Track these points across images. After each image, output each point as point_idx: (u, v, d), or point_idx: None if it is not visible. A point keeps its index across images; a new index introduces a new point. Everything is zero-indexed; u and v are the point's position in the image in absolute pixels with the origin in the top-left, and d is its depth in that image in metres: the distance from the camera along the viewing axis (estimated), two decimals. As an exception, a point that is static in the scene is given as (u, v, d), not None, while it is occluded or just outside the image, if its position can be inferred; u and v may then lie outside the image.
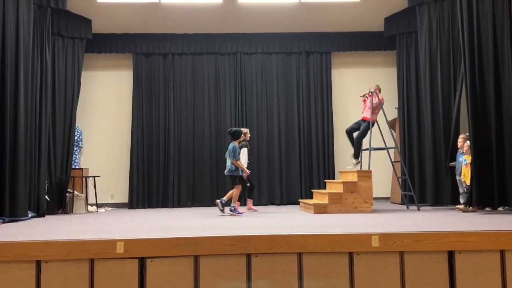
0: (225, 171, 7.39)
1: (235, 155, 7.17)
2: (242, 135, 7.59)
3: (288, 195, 9.85)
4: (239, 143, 7.45)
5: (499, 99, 6.46)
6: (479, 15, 6.74)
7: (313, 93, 10.16)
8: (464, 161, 7.24)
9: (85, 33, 9.12)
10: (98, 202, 8.85)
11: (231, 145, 7.26)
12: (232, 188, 7.44)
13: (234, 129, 7.51)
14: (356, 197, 7.06)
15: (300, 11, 9.33)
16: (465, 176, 7.23)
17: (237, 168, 7.18)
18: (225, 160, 9.69)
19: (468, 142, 7.17)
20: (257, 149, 9.94)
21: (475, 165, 6.60)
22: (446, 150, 7.97)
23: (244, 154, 7.68)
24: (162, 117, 9.90)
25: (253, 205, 8.28)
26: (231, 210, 7.17)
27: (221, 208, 7.19)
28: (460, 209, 6.90)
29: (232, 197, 7.21)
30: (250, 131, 9.84)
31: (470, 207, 6.83)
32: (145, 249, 3.82)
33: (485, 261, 3.92)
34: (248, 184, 8.00)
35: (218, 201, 7.29)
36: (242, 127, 9.85)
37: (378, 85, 8.10)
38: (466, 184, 7.11)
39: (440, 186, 8.11)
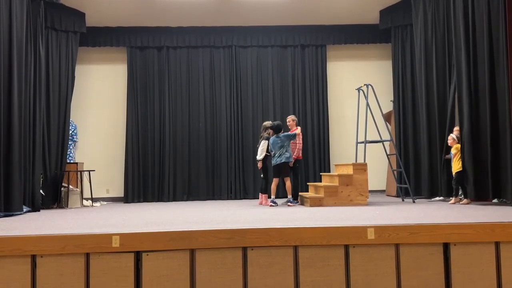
0: (278, 162, 7.51)
1: (294, 137, 7.65)
2: (267, 129, 7.93)
3: (284, 188, 9.82)
4: (267, 135, 7.86)
5: (493, 92, 6.47)
6: (474, 8, 6.75)
7: (308, 86, 10.14)
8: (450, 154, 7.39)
9: (79, 26, 9.05)
10: (93, 196, 8.83)
11: (280, 136, 7.55)
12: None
13: (275, 124, 7.75)
14: (352, 190, 7.07)
15: (295, 4, 9.29)
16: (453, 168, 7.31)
17: (291, 155, 7.55)
18: (220, 152, 9.77)
19: (451, 134, 7.28)
20: (253, 143, 9.92)
21: (467, 158, 6.67)
22: (441, 142, 7.99)
23: (263, 146, 7.86)
24: (157, 110, 9.87)
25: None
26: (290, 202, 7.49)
27: (296, 203, 7.54)
28: (453, 203, 6.93)
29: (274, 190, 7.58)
30: (245, 124, 9.89)
31: (465, 199, 6.87)
32: (141, 243, 3.82)
33: (480, 253, 3.95)
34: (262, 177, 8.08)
35: (290, 204, 7.41)
36: (237, 121, 9.86)
37: (294, 116, 8.36)
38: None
39: (435, 178, 8.13)
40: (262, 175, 8.05)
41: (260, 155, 7.89)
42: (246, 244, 3.89)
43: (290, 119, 8.24)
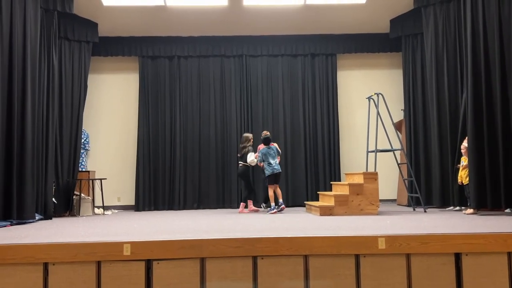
0: (275, 171, 8.01)
1: (279, 153, 8.30)
2: (250, 141, 8.45)
3: (293, 197, 9.85)
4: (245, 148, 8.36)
5: (505, 99, 6.43)
6: (485, 16, 6.73)
7: (318, 95, 10.15)
8: (461, 163, 7.33)
9: (92, 36, 9.17)
10: (105, 204, 8.89)
11: (273, 148, 8.15)
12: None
13: (269, 136, 8.24)
14: (362, 199, 7.04)
15: (305, 13, 9.34)
16: (461, 177, 7.25)
17: None
18: (231, 161, 9.80)
19: (464, 143, 7.21)
20: (263, 151, 9.94)
21: (475, 166, 6.60)
22: (453, 151, 7.94)
23: (252, 157, 8.27)
24: (168, 119, 9.94)
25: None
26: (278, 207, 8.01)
27: (279, 210, 7.90)
28: (469, 213, 6.85)
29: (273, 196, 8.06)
30: (255, 133, 9.92)
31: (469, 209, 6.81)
32: (152, 251, 3.84)
33: (492, 263, 3.91)
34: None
35: (269, 208, 7.96)
36: (248, 130, 9.88)
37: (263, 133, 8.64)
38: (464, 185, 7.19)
39: (447, 188, 8.07)
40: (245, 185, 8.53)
41: (254, 160, 8.25)
42: (256, 253, 3.89)
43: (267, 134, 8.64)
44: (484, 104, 6.66)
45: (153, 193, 9.72)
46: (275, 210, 7.80)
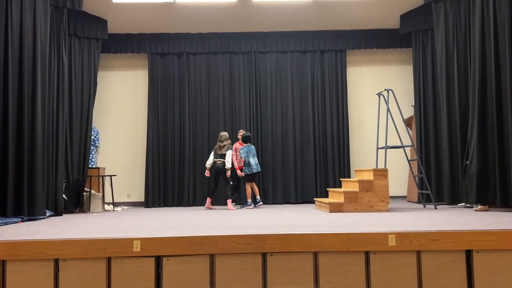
0: (253, 171, 8.47)
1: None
2: (228, 139, 8.60)
3: (303, 194, 9.83)
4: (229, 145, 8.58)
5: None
6: (496, 11, 6.65)
7: (328, 91, 10.12)
8: None
9: (101, 33, 9.20)
10: (115, 201, 8.93)
11: (253, 147, 8.64)
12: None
13: (250, 135, 8.72)
14: (372, 196, 7.01)
15: (314, 9, 9.30)
16: None
17: None
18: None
19: None
20: (272, 148, 9.93)
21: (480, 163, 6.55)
22: (463, 148, 7.87)
23: (230, 157, 8.40)
24: (177, 116, 9.96)
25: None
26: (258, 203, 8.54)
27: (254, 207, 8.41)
28: (480, 210, 6.79)
29: (250, 193, 8.55)
30: (264, 130, 9.94)
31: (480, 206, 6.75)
32: (161, 248, 3.85)
33: (504, 260, 3.87)
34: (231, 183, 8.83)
35: (245, 204, 8.48)
36: (256, 127, 9.87)
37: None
38: None
39: (457, 184, 8.01)
40: (232, 183, 8.70)
41: (229, 163, 8.33)
42: (265, 249, 3.89)
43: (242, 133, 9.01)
44: (494, 102, 6.60)
45: (163, 189, 9.77)
46: (252, 205, 8.37)
